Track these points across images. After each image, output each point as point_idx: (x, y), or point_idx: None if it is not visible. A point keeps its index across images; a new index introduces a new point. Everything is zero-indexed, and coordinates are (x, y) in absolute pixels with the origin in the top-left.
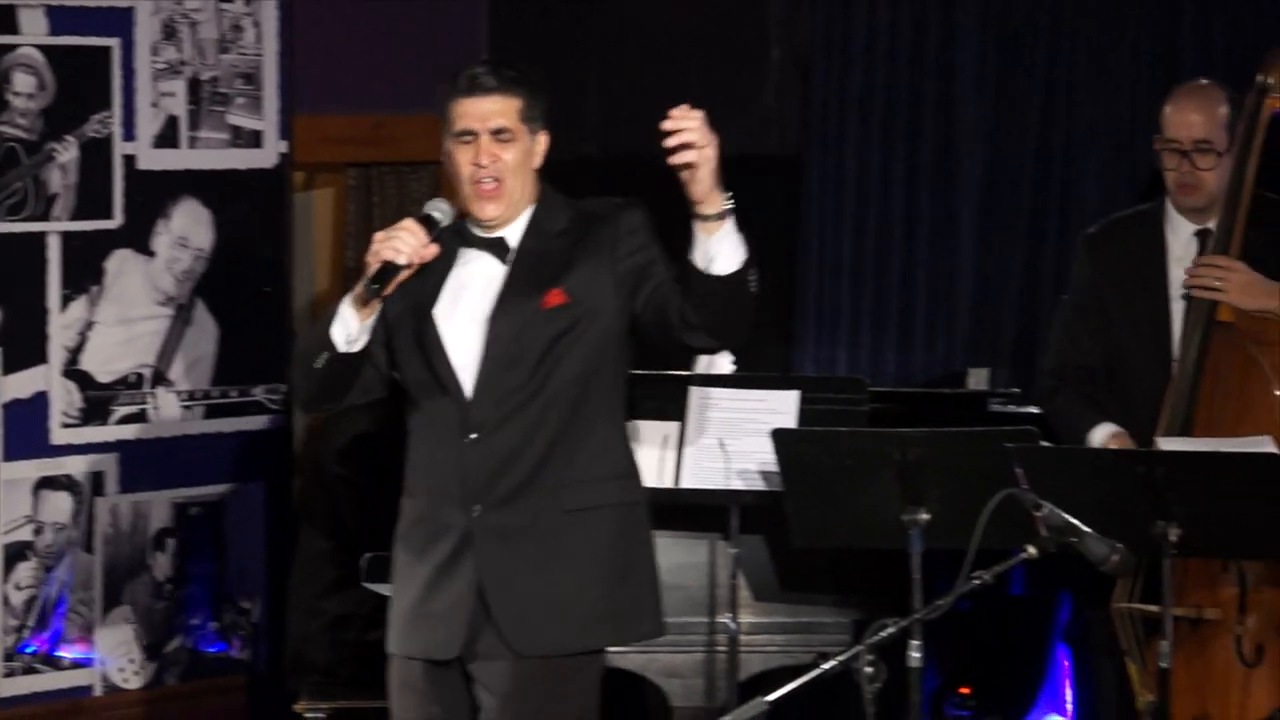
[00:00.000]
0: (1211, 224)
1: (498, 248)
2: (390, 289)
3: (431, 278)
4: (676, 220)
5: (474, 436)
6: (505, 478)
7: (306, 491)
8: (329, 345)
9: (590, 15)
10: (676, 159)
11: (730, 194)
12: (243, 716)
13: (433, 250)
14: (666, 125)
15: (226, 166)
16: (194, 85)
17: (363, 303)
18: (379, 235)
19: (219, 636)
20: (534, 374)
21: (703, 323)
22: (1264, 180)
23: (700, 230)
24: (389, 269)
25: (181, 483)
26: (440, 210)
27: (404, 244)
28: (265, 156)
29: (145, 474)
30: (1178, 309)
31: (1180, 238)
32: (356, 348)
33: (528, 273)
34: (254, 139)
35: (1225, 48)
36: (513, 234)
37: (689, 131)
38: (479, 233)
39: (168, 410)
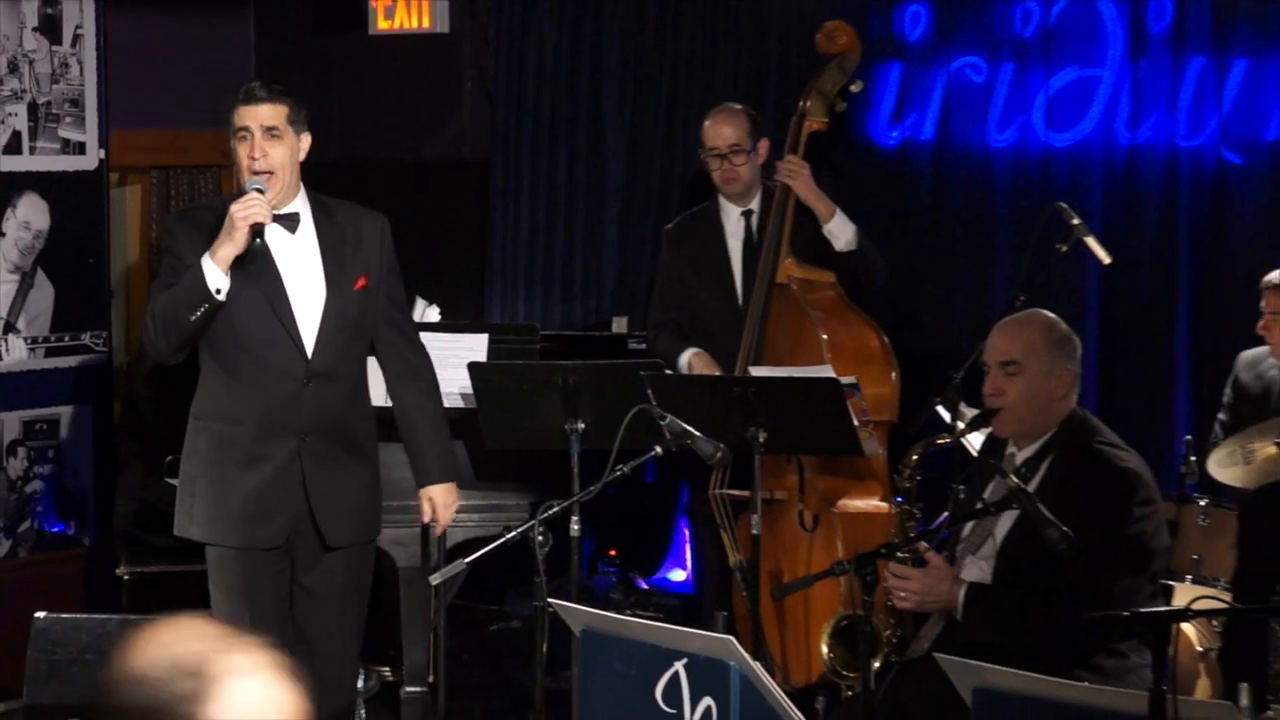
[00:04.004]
0: (753, 205)
1: (288, 221)
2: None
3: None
4: (398, 215)
5: (310, 383)
6: (328, 415)
7: (124, 409)
8: (209, 298)
9: (332, 54)
10: None
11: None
12: (79, 579)
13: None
14: None
15: (59, 169)
16: (33, 108)
17: (234, 258)
18: (236, 207)
19: (59, 520)
20: (352, 340)
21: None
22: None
23: None
24: (260, 226)
25: (29, 405)
26: (261, 185)
27: (263, 209)
28: (88, 161)
29: (2, 399)
30: (737, 269)
31: (731, 219)
32: (223, 296)
33: (334, 252)
34: (80, 148)
35: (800, 83)
36: (296, 210)
37: None
38: (274, 211)
39: (17, 351)
